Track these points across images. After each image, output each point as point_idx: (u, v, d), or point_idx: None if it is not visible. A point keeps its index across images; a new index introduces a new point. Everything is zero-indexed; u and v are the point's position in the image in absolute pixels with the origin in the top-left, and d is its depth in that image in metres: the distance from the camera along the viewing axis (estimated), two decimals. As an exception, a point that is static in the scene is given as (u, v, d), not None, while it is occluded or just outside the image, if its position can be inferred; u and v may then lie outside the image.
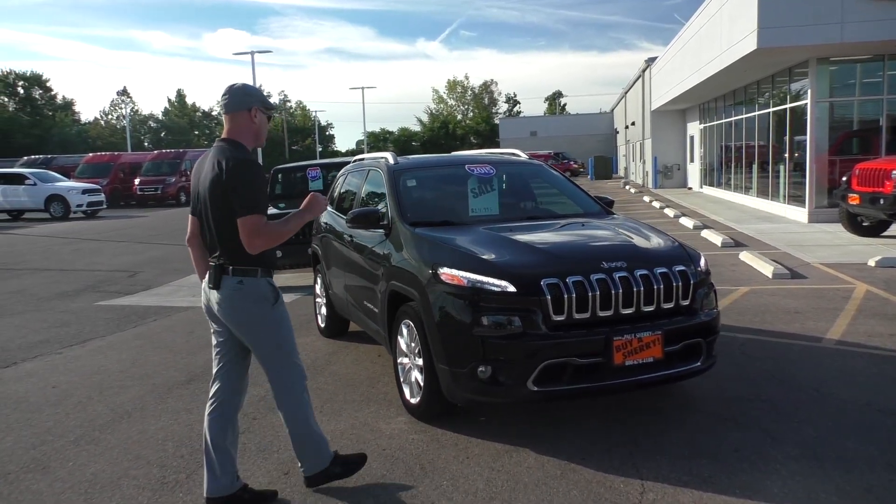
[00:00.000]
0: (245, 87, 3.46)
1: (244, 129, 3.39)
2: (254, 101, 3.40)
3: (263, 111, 3.43)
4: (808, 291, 8.26)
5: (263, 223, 3.20)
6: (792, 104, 16.36)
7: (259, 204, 3.20)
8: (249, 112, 3.38)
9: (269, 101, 3.51)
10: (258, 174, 3.27)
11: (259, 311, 3.37)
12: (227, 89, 3.43)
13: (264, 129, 3.47)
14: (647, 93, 32.74)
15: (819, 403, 4.66)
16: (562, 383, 3.95)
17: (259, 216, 3.19)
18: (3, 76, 71.95)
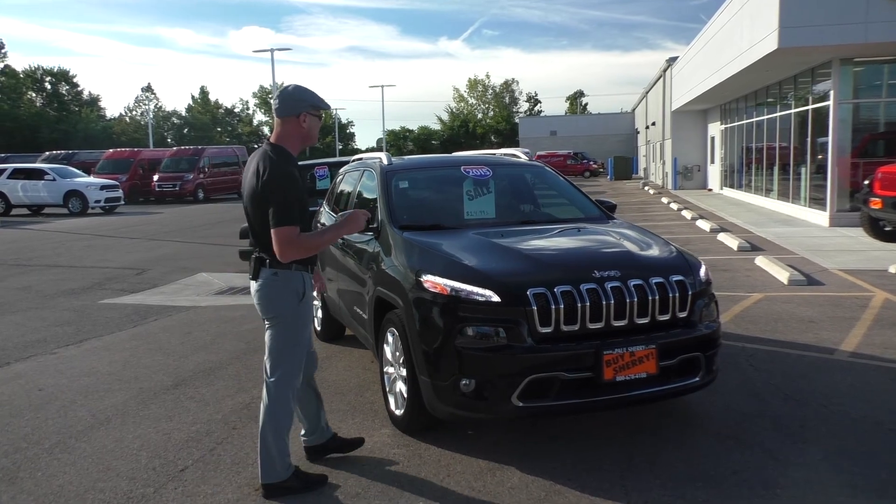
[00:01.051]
0: (296, 91, 3.53)
1: (292, 134, 3.51)
2: (303, 107, 3.49)
3: (314, 114, 3.53)
4: (825, 299, 7.96)
5: (296, 235, 3.34)
6: (814, 105, 15.94)
7: (292, 216, 3.32)
8: (298, 118, 3.49)
9: (321, 101, 3.58)
10: (293, 186, 3.37)
11: (287, 304, 3.52)
12: (279, 93, 3.56)
13: (314, 130, 3.58)
14: (668, 93, 32.27)
15: (827, 421, 4.40)
16: (549, 399, 3.74)
17: (291, 228, 3.32)
18: (31, 72, 72.93)
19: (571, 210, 5.44)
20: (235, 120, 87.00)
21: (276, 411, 3.58)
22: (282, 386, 3.59)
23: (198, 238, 16.85)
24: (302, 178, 3.54)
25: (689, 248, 12.50)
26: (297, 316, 3.56)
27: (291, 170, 3.42)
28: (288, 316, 3.54)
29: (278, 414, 3.58)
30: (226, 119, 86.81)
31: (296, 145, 3.55)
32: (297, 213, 3.35)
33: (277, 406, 3.58)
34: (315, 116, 3.55)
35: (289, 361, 3.60)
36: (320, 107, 3.56)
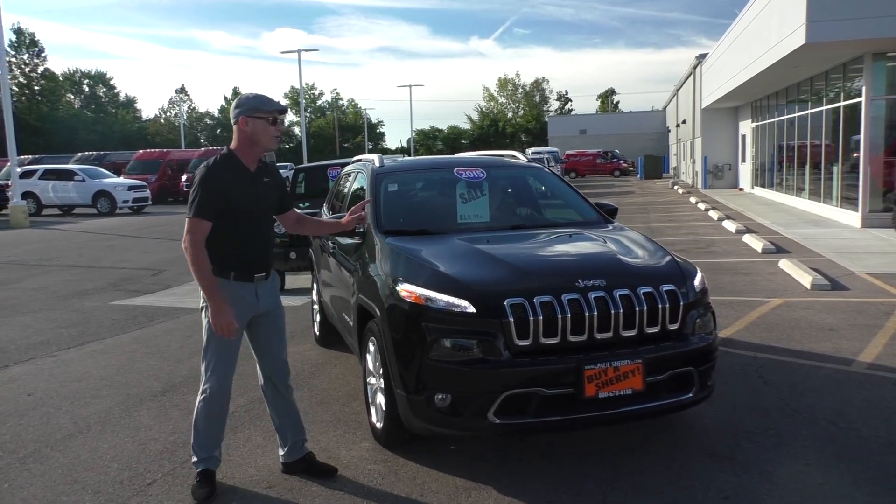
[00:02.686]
0: (237, 100, 3.56)
1: (238, 139, 3.55)
2: (241, 111, 3.50)
3: (258, 117, 3.48)
4: (848, 305, 7.60)
5: (197, 229, 3.40)
6: (846, 102, 15.39)
7: (199, 209, 3.39)
8: (237, 124, 3.52)
9: (265, 103, 3.53)
10: (202, 180, 3.42)
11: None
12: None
13: (261, 134, 3.51)
14: (698, 90, 31.64)
15: (835, 441, 4.12)
16: (527, 416, 3.53)
17: (194, 220, 3.40)
18: (70, 75, 74.57)
19: (569, 214, 5.22)
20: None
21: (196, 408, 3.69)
22: (206, 380, 3.63)
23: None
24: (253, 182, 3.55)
25: (712, 249, 12.14)
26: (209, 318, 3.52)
27: (216, 169, 3.46)
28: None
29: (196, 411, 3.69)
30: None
31: (245, 150, 3.55)
32: (207, 210, 3.39)
33: (198, 406, 3.68)
34: (259, 119, 3.50)
35: (204, 366, 3.64)
36: (261, 109, 3.50)
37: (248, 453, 4.20)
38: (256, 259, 3.62)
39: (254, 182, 3.57)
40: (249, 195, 3.53)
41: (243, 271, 3.57)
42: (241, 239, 3.55)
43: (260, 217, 3.63)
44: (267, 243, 3.71)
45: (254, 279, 3.60)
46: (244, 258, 3.57)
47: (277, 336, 3.80)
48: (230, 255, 3.53)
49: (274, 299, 3.78)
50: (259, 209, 3.62)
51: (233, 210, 3.46)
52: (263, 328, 3.75)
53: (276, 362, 3.81)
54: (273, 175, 3.75)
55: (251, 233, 3.58)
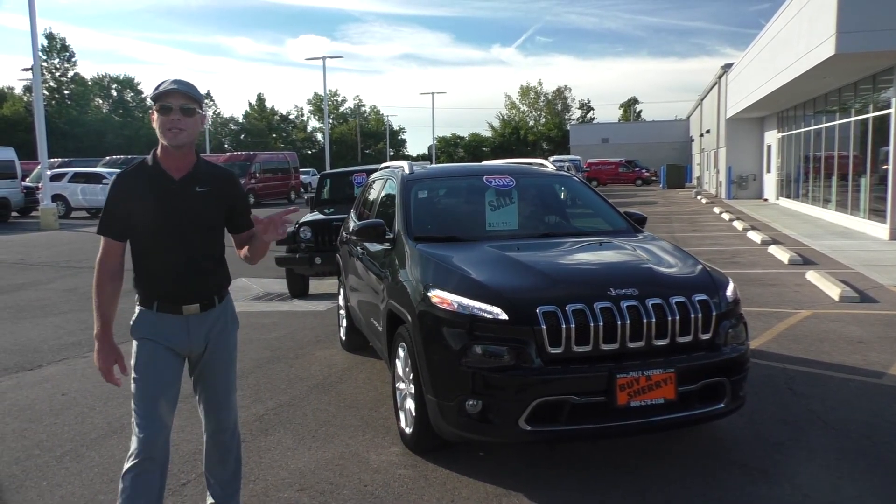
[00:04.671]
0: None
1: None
2: (152, 106, 2.88)
3: (152, 108, 2.87)
4: (877, 318, 7.51)
5: (106, 247, 2.91)
6: (876, 113, 15.21)
7: (102, 224, 2.90)
8: (151, 113, 2.91)
9: (160, 91, 2.84)
10: (108, 192, 2.95)
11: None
12: None
13: (162, 127, 2.83)
14: (723, 100, 31.42)
15: (867, 455, 4.08)
16: (558, 423, 3.54)
17: (102, 239, 2.90)
18: (98, 80, 75.78)
19: (598, 222, 5.22)
20: (290, 126, 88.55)
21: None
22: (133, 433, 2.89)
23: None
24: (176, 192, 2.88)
25: (737, 260, 12.05)
26: (134, 350, 2.94)
27: (125, 178, 2.90)
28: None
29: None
30: (281, 125, 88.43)
31: (161, 150, 2.91)
32: (111, 226, 2.87)
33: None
34: (154, 110, 2.84)
35: (134, 409, 2.90)
36: (152, 98, 2.86)
37: (279, 455, 4.25)
38: (185, 287, 2.92)
39: (177, 192, 2.86)
40: (166, 209, 2.85)
41: (168, 302, 2.91)
42: (164, 262, 2.88)
43: (185, 234, 2.89)
44: (207, 267, 2.98)
45: (182, 311, 2.92)
46: (168, 286, 2.90)
47: (222, 386, 3.07)
48: (151, 281, 2.90)
49: (219, 338, 3.04)
50: (182, 225, 2.88)
51: (148, 228, 2.85)
52: (202, 374, 3.05)
53: (219, 418, 3.10)
54: (217, 183, 2.98)
55: (176, 255, 2.89)
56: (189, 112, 2.83)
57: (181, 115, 2.81)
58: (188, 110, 2.83)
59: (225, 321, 3.08)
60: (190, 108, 2.83)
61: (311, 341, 7.18)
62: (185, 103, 2.82)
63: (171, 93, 2.80)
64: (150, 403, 2.86)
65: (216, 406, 3.10)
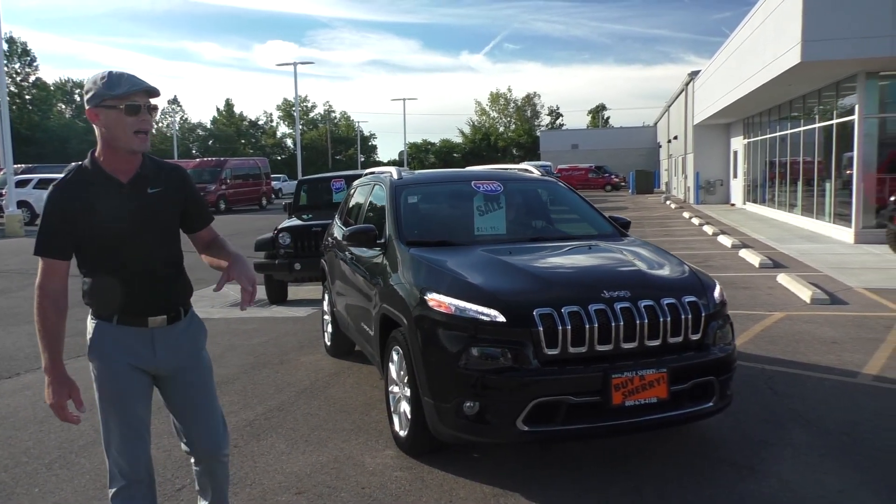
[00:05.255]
0: (87, 84, 2.56)
1: (100, 138, 2.57)
2: (92, 101, 2.52)
3: (109, 105, 2.49)
4: (848, 319, 7.73)
5: (40, 268, 2.55)
6: (839, 119, 15.65)
7: (37, 245, 2.55)
8: (94, 115, 2.53)
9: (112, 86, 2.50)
10: (45, 207, 2.56)
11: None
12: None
13: (118, 128, 2.51)
14: (690, 106, 31.98)
15: (849, 451, 4.21)
16: (555, 423, 3.61)
17: (41, 259, 2.55)
18: (61, 84, 74.41)
19: (584, 227, 5.32)
20: (259, 132, 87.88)
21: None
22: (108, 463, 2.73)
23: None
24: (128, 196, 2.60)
25: (710, 264, 12.28)
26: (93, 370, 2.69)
27: (65, 189, 2.54)
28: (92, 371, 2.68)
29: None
30: (250, 131, 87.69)
31: (108, 154, 2.57)
32: (55, 245, 2.53)
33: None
34: (112, 109, 2.49)
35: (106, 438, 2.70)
36: (109, 94, 2.48)
37: (273, 460, 4.25)
38: (150, 297, 2.67)
39: (129, 196, 2.59)
40: (121, 215, 2.57)
41: (131, 313, 2.64)
42: (124, 273, 2.61)
43: (148, 240, 2.66)
44: (170, 274, 2.75)
45: (147, 323, 2.66)
46: (130, 298, 2.63)
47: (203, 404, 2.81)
48: (110, 295, 2.62)
49: (189, 351, 2.78)
50: (142, 231, 2.63)
51: (102, 238, 2.56)
52: (180, 393, 2.79)
53: (204, 440, 2.82)
54: (172, 183, 2.74)
55: (137, 263, 2.63)
56: (154, 110, 2.60)
57: (148, 114, 2.55)
58: (154, 108, 2.59)
59: (196, 334, 2.82)
60: (155, 106, 2.60)
61: (294, 347, 7.16)
62: (151, 101, 2.57)
63: (138, 91, 2.51)
64: (126, 424, 2.64)
65: (203, 424, 2.82)
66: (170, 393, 2.80)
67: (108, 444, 2.67)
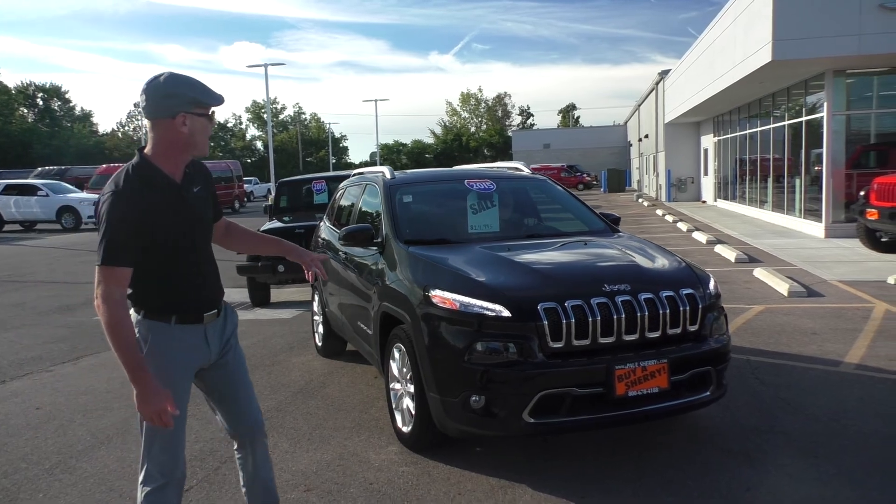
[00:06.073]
0: (169, 83, 2.56)
1: (166, 142, 2.58)
2: (180, 105, 2.53)
3: (198, 113, 2.58)
4: (826, 311, 7.94)
5: (103, 279, 2.47)
6: (808, 117, 16.02)
7: (102, 253, 2.47)
8: (174, 120, 2.54)
9: (207, 93, 2.60)
10: (111, 211, 2.47)
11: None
12: (144, 86, 2.56)
13: (200, 135, 2.61)
14: (661, 105, 32.42)
15: (839, 436, 4.36)
16: (560, 415, 3.69)
17: (100, 268, 2.47)
18: (23, 88, 72.94)
19: (576, 223, 5.41)
20: (228, 135, 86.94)
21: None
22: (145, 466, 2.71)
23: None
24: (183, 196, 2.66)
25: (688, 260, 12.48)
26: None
27: (131, 193, 2.51)
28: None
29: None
30: (219, 134, 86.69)
31: (174, 157, 2.62)
32: (125, 253, 2.48)
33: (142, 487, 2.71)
34: (200, 116, 2.59)
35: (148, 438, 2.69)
36: (205, 102, 2.59)
37: (278, 459, 4.26)
38: (203, 294, 2.77)
39: (184, 197, 2.66)
40: (181, 216, 2.64)
41: (188, 312, 2.71)
42: (180, 273, 2.68)
43: (198, 240, 2.74)
44: (213, 270, 2.85)
45: (203, 320, 2.75)
46: (188, 296, 2.72)
47: (243, 383, 2.94)
48: (168, 296, 2.67)
49: (230, 338, 2.91)
50: (197, 230, 2.73)
51: (163, 240, 2.59)
52: (222, 376, 2.89)
53: (248, 415, 2.95)
54: (205, 178, 2.84)
55: (193, 261, 2.72)
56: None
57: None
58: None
59: (232, 319, 2.92)
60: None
61: (284, 348, 7.16)
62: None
63: (221, 102, 2.64)
64: (177, 426, 2.67)
65: (245, 408, 2.94)
66: (213, 379, 2.88)
67: (151, 443, 2.68)
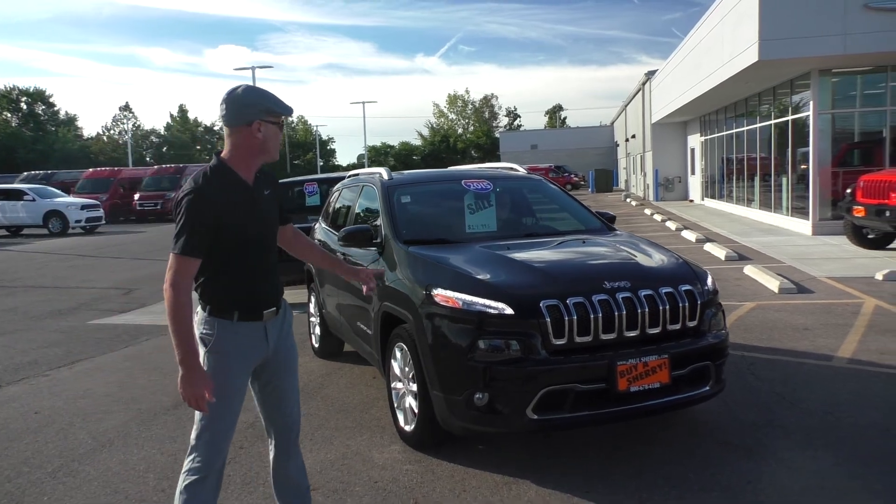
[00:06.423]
0: (247, 94, 2.82)
1: (243, 147, 2.81)
2: (256, 113, 2.77)
3: (271, 121, 2.81)
4: (816, 307, 8.05)
5: (174, 267, 2.64)
6: (794, 116, 16.19)
7: (177, 241, 2.64)
8: (251, 126, 2.77)
9: (279, 103, 2.85)
10: (191, 205, 2.67)
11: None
12: (225, 96, 2.81)
13: (272, 141, 2.84)
14: (648, 105, 32.62)
15: (835, 429, 4.43)
16: (563, 411, 3.73)
17: (174, 256, 2.65)
18: (7, 92, 72.29)
19: (572, 222, 5.46)
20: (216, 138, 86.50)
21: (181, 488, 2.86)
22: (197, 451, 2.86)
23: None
24: (255, 198, 2.85)
25: (678, 258, 12.59)
26: (208, 365, 2.80)
27: (209, 189, 2.71)
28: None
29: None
30: (206, 137, 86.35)
31: (248, 161, 2.83)
32: (199, 244, 2.65)
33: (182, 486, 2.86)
34: (272, 124, 2.81)
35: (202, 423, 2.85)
36: (277, 111, 2.82)
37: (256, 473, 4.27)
38: (266, 292, 2.92)
39: (256, 198, 2.85)
40: (253, 216, 2.83)
41: (250, 309, 2.85)
42: (247, 271, 2.84)
43: (266, 240, 2.93)
44: (275, 269, 2.99)
45: (263, 317, 2.89)
46: (252, 294, 2.87)
47: (291, 379, 3.07)
48: (234, 292, 2.83)
49: (286, 336, 3.04)
50: (265, 231, 2.92)
51: (234, 238, 2.77)
52: (274, 369, 3.01)
53: (289, 414, 3.08)
54: (274, 184, 3.04)
55: (259, 261, 2.88)
56: None
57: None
58: None
59: (289, 317, 3.09)
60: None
61: (280, 350, 7.15)
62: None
63: (290, 112, 2.88)
64: (227, 420, 2.85)
65: (289, 403, 3.07)
66: (267, 375, 3.01)
67: (201, 435, 2.82)
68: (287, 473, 3.14)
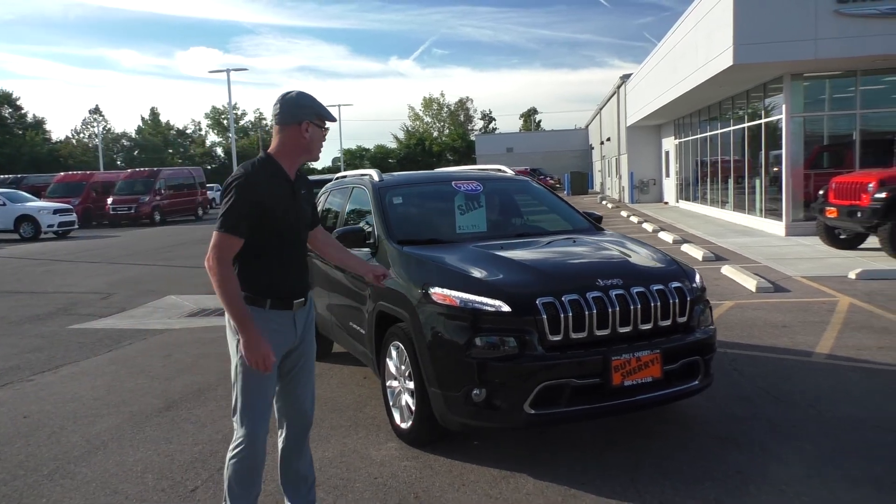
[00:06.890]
0: (300, 97, 3.11)
1: (290, 144, 3.08)
2: (307, 115, 3.06)
3: (318, 124, 3.10)
4: (793, 305, 8.25)
5: (218, 244, 2.90)
6: (766, 119, 16.53)
7: (222, 219, 2.92)
8: (300, 126, 3.06)
9: (327, 111, 3.14)
10: (239, 187, 2.93)
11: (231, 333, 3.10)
12: (280, 98, 3.12)
13: (316, 143, 3.13)
14: (623, 109, 33.03)
15: (817, 421, 4.58)
16: (559, 406, 3.82)
17: (218, 233, 2.92)
18: (-26, 95, 70.84)
19: (561, 223, 5.57)
20: (188, 141, 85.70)
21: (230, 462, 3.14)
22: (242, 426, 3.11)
23: (160, 260, 16.56)
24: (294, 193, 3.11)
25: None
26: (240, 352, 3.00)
27: (257, 176, 2.97)
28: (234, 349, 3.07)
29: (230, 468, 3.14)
30: (178, 140, 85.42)
31: (293, 158, 3.11)
32: (241, 224, 2.91)
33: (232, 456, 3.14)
34: (318, 127, 3.11)
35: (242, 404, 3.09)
36: (325, 116, 3.11)
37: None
38: (297, 282, 3.15)
39: (296, 193, 3.12)
40: (291, 210, 3.08)
41: (282, 298, 3.07)
42: (281, 260, 3.07)
43: (300, 233, 3.19)
44: (305, 263, 3.26)
45: (293, 306, 3.11)
46: (284, 283, 3.09)
47: (309, 370, 3.28)
48: (267, 279, 3.05)
49: (310, 328, 3.28)
50: (300, 224, 3.17)
51: (273, 226, 3.00)
52: (296, 358, 3.22)
53: (304, 404, 3.27)
54: (309, 186, 3.33)
55: (292, 252, 3.13)
56: None
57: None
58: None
59: (313, 310, 3.34)
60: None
61: (268, 352, 7.16)
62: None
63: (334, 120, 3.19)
64: (265, 401, 3.09)
65: (306, 395, 3.27)
66: (290, 364, 3.21)
67: (244, 416, 3.06)
68: (295, 465, 3.32)
